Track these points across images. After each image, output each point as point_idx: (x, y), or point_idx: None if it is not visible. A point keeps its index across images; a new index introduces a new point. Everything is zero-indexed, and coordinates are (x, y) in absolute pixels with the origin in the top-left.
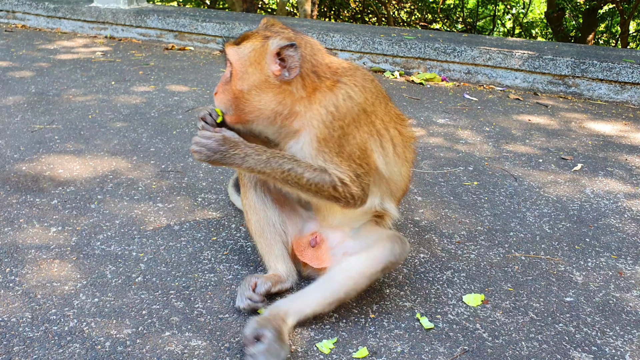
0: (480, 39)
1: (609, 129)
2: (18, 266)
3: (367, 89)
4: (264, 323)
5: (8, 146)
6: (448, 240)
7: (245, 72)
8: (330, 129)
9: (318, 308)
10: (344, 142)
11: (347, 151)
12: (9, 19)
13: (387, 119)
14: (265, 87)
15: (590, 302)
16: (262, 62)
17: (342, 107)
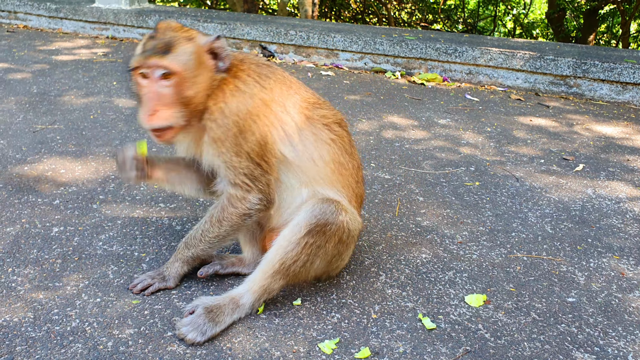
0: (482, 39)
1: (610, 129)
2: (20, 266)
3: (263, 75)
4: (203, 301)
5: (10, 146)
6: (450, 240)
7: (195, 76)
8: (224, 127)
9: (263, 282)
10: (241, 139)
11: (245, 149)
12: (10, 19)
13: (290, 104)
14: (209, 84)
15: (592, 302)
16: (204, 62)
17: (232, 103)
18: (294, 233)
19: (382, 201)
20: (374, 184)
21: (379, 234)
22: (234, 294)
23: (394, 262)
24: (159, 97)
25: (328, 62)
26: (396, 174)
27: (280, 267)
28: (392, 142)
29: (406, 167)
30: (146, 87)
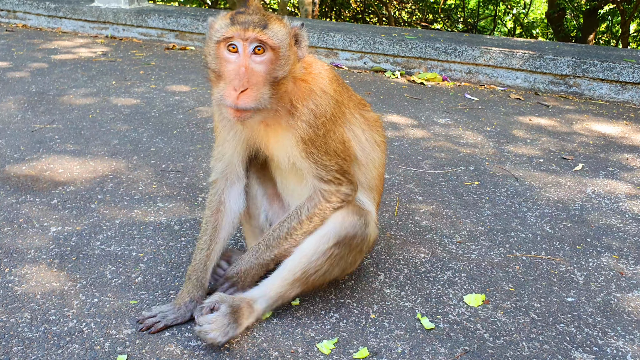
0: (481, 38)
1: (610, 128)
2: (17, 266)
3: (334, 79)
4: (225, 298)
5: (8, 146)
6: (449, 240)
7: (287, 57)
8: (315, 128)
9: (281, 290)
10: (328, 139)
11: (332, 148)
12: (9, 18)
13: (351, 105)
14: (294, 70)
15: (591, 302)
16: (292, 45)
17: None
18: (322, 243)
19: (381, 200)
20: None
21: (378, 233)
22: (248, 297)
23: (392, 262)
24: (250, 73)
25: (328, 62)
26: (395, 174)
27: (302, 276)
28: (391, 141)
29: (405, 167)
30: (234, 62)
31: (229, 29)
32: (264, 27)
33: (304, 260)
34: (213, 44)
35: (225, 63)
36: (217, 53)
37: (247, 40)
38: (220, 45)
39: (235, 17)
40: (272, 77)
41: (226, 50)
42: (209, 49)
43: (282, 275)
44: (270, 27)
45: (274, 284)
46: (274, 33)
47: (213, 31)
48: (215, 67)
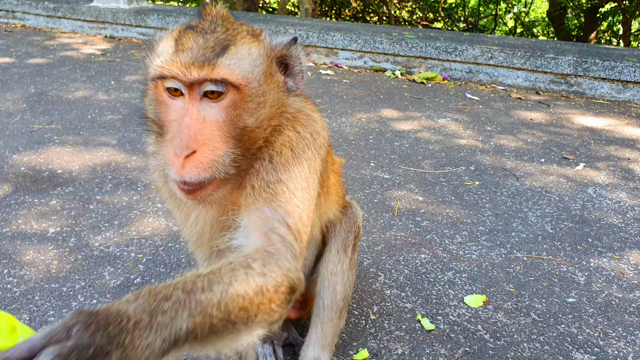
0: (482, 38)
1: (611, 128)
2: (16, 267)
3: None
4: None
5: (7, 146)
6: (449, 240)
7: (261, 95)
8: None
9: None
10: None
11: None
12: (8, 18)
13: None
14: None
15: (592, 303)
16: (273, 74)
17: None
18: (342, 260)
19: (381, 201)
20: (373, 183)
21: (377, 234)
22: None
23: (393, 263)
24: (200, 128)
25: (327, 61)
26: (395, 174)
27: (344, 303)
28: (391, 141)
29: (405, 167)
30: (179, 112)
31: (164, 67)
32: (218, 55)
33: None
34: (150, 84)
35: (166, 110)
36: (156, 95)
37: (193, 84)
38: (157, 84)
39: (179, 40)
40: (237, 128)
41: (167, 92)
42: (146, 91)
43: (329, 317)
44: (231, 53)
45: (326, 332)
46: (237, 61)
47: (148, 64)
48: (154, 115)
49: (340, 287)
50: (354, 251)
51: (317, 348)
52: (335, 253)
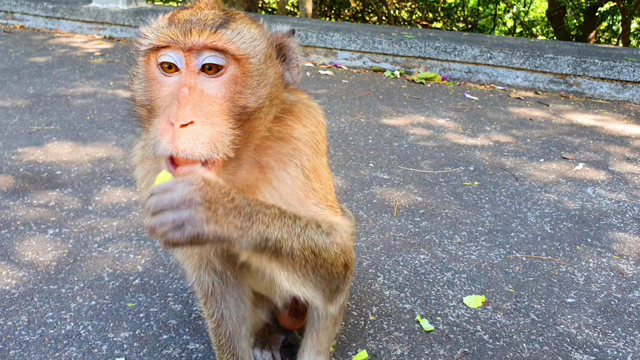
0: (481, 38)
1: (610, 128)
2: (14, 269)
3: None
4: None
5: (5, 147)
6: (449, 241)
7: (263, 74)
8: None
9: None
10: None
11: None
12: (7, 19)
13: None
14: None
15: (591, 303)
16: (273, 60)
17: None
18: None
19: (380, 201)
20: (372, 184)
21: (377, 234)
22: None
23: (392, 263)
24: (199, 100)
25: (327, 61)
26: (395, 174)
27: (339, 312)
28: (390, 141)
29: (405, 167)
30: (174, 86)
31: (160, 33)
32: (219, 26)
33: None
34: (140, 59)
35: (158, 87)
36: (146, 72)
37: (192, 49)
38: (149, 59)
39: (173, 16)
40: (237, 107)
41: (159, 69)
42: (134, 71)
43: (325, 325)
44: (232, 27)
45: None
46: (238, 35)
47: (139, 43)
48: (143, 96)
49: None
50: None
51: (313, 354)
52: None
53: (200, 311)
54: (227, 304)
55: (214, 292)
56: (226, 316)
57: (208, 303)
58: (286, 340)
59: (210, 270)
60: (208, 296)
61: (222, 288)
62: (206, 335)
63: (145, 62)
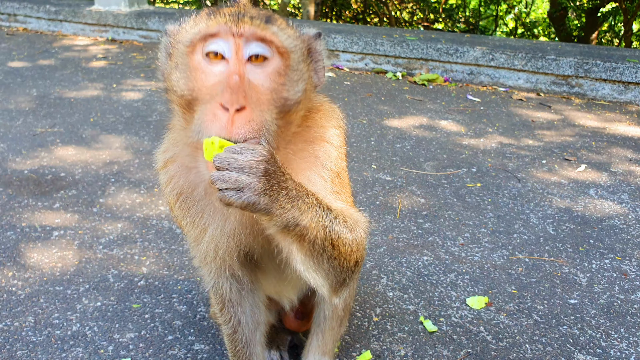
0: (483, 39)
1: (612, 129)
2: (21, 270)
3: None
4: None
5: (10, 149)
6: (451, 242)
7: (299, 71)
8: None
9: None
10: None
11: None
12: (10, 22)
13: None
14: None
15: (594, 304)
16: (306, 56)
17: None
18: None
19: (383, 203)
20: (375, 185)
21: (380, 236)
22: None
23: (395, 265)
24: (248, 86)
25: (328, 63)
26: (397, 176)
27: (344, 313)
28: (393, 143)
29: (407, 169)
30: (222, 75)
31: (210, 22)
32: (267, 20)
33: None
34: (182, 50)
35: (202, 77)
36: (189, 62)
37: (242, 36)
38: (195, 49)
39: (215, 12)
40: (280, 98)
41: (205, 58)
42: (173, 63)
43: (330, 325)
44: (275, 23)
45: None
46: (282, 31)
47: (180, 36)
48: (185, 87)
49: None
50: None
51: (318, 354)
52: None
53: (205, 312)
54: (243, 309)
55: (231, 298)
56: (243, 322)
57: (225, 309)
58: (292, 340)
59: (229, 274)
60: (225, 302)
61: (239, 294)
62: (211, 336)
63: (189, 52)
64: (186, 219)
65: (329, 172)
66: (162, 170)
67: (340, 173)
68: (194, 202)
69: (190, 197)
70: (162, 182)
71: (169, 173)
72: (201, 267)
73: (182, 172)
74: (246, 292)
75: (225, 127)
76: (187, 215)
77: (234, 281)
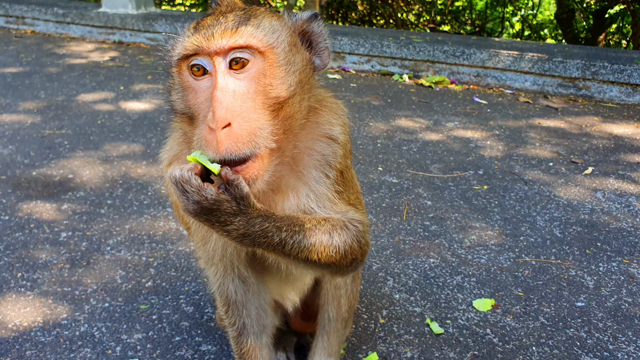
0: (490, 41)
1: (620, 131)
2: (29, 271)
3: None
4: None
5: (18, 152)
6: (458, 245)
7: (291, 62)
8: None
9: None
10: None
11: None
12: (18, 24)
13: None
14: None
15: (601, 307)
16: (298, 47)
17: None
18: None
19: (389, 205)
20: (382, 188)
21: (386, 238)
22: None
23: (401, 267)
24: (232, 100)
25: (335, 66)
26: (404, 178)
27: (349, 314)
28: (399, 145)
29: (414, 171)
30: (207, 90)
31: (187, 42)
32: (239, 24)
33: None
34: (173, 69)
35: (193, 94)
36: (180, 81)
37: (216, 54)
38: (181, 68)
39: (198, 24)
40: (269, 98)
41: (191, 75)
42: (170, 83)
43: (335, 327)
44: (252, 22)
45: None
46: (259, 28)
47: (171, 54)
48: (182, 105)
49: (345, 300)
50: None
51: (324, 356)
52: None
53: (212, 313)
54: (248, 312)
55: (236, 300)
56: (248, 324)
57: (230, 311)
58: (298, 342)
59: (234, 276)
60: (230, 304)
61: (244, 296)
62: (218, 337)
63: (178, 71)
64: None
65: (334, 170)
66: (167, 168)
67: (344, 171)
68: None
69: None
70: (166, 180)
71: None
72: (207, 268)
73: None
74: (252, 294)
75: (215, 148)
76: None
77: (240, 282)
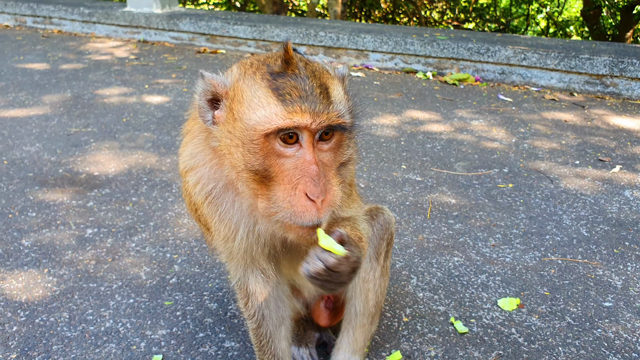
0: (515, 38)
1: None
2: (56, 267)
3: None
4: None
5: (45, 149)
6: (483, 243)
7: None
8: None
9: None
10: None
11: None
12: (45, 24)
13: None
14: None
15: (630, 307)
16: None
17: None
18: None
19: (413, 203)
20: (405, 186)
21: (410, 236)
22: None
23: (425, 265)
24: (324, 172)
25: (358, 63)
26: (427, 176)
27: (376, 310)
28: (423, 143)
29: (438, 169)
30: (296, 158)
31: (289, 117)
32: (328, 101)
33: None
34: (255, 135)
35: (276, 158)
36: (264, 147)
37: (317, 130)
38: (269, 136)
39: (280, 90)
40: (340, 162)
41: (279, 142)
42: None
43: (361, 322)
44: (334, 97)
45: (357, 337)
46: (341, 105)
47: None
48: (259, 166)
49: (372, 294)
50: (386, 258)
51: (348, 352)
52: (368, 260)
53: (236, 310)
54: (267, 304)
55: (255, 291)
56: (267, 316)
57: (249, 303)
58: (320, 338)
59: (254, 268)
60: (249, 296)
61: (264, 288)
62: (242, 333)
63: (263, 139)
64: (215, 217)
65: (348, 187)
66: (189, 173)
67: (351, 182)
68: (223, 202)
69: (219, 197)
70: (189, 183)
71: (197, 175)
72: (228, 262)
73: (211, 175)
74: (271, 287)
75: (317, 216)
76: (216, 213)
77: (260, 274)
